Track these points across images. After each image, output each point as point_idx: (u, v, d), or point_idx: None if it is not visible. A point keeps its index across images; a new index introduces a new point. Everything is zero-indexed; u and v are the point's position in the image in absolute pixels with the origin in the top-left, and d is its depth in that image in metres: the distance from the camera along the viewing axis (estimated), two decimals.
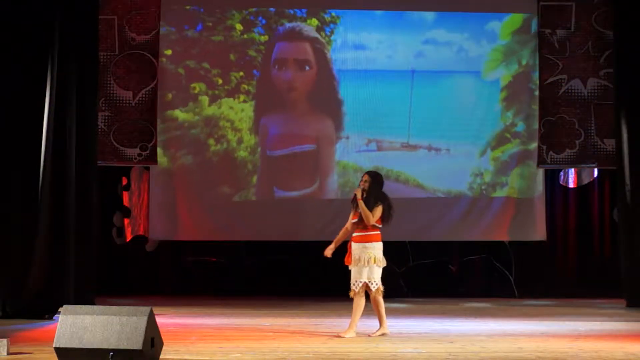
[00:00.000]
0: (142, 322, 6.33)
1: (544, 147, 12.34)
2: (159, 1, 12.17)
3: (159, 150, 12.14)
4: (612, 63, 12.07)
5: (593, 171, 12.82)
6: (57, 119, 10.13)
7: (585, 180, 12.91)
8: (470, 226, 12.43)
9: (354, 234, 8.36)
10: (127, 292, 12.22)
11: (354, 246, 8.31)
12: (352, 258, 8.28)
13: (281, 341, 7.88)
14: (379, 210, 8.30)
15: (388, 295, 12.40)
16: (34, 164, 9.95)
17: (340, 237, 8.54)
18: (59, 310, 8.46)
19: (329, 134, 12.46)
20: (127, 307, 6.52)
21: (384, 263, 8.33)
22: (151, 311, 6.45)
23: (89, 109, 10.85)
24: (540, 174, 12.47)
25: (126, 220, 12.81)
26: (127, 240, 12.83)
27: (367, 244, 8.26)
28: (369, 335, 8.32)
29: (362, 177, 8.51)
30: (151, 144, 12.13)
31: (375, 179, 8.46)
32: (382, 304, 8.38)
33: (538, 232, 12.50)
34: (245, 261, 12.95)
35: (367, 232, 8.30)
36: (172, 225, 12.35)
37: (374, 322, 8.57)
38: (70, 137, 10.32)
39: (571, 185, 12.94)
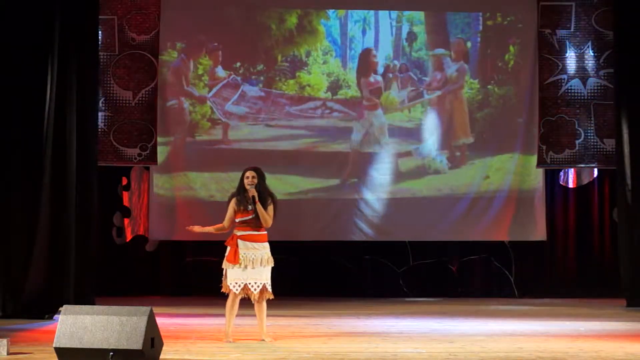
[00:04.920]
0: (142, 322, 6.33)
1: (544, 147, 12.33)
2: (159, 1, 12.17)
3: (159, 150, 12.13)
4: (612, 63, 12.07)
5: (593, 171, 12.82)
6: (57, 119, 10.13)
7: (585, 180, 12.91)
8: (470, 226, 12.44)
9: (244, 232, 7.75)
10: (127, 292, 12.22)
11: (246, 246, 7.73)
12: (243, 258, 7.71)
13: (281, 341, 7.87)
14: (272, 209, 7.80)
15: (388, 295, 12.58)
16: (35, 163, 9.95)
17: (210, 229, 7.85)
18: (59, 310, 8.46)
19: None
20: (127, 307, 6.52)
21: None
22: (151, 311, 6.45)
23: (89, 109, 10.84)
24: (540, 174, 12.47)
25: (126, 220, 12.80)
26: (127, 240, 12.82)
27: (264, 244, 7.80)
28: (263, 340, 7.86)
29: (246, 173, 7.78)
30: (151, 144, 12.12)
31: (261, 174, 7.81)
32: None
33: (538, 232, 12.50)
34: None
35: (260, 231, 7.78)
36: (172, 225, 12.35)
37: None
38: (70, 137, 10.31)
39: (571, 185, 12.93)
